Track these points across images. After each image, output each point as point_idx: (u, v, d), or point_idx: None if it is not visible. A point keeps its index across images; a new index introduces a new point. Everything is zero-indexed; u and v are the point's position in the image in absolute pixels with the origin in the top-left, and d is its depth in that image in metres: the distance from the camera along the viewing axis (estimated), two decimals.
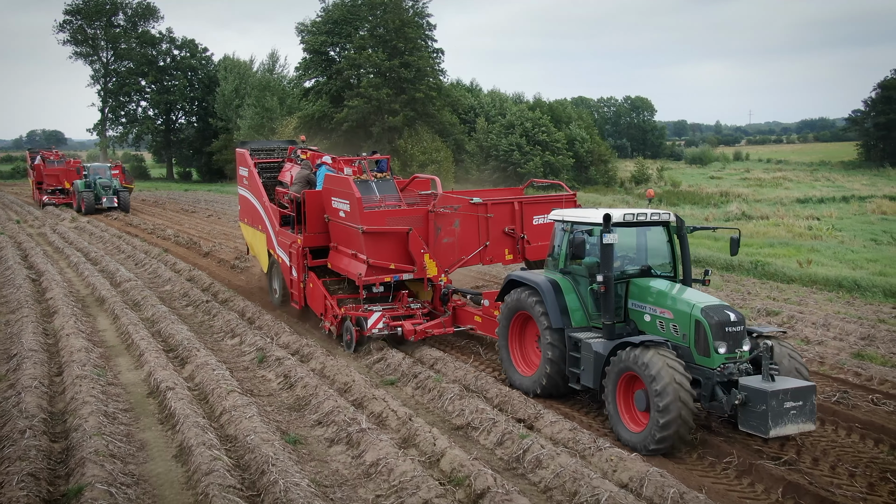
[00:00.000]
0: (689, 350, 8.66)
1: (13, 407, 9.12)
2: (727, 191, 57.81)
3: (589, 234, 9.50)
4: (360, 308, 12.66)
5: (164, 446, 8.52)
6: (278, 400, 10.29)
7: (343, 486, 7.63)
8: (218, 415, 9.26)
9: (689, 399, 8.02)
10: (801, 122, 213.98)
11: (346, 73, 55.12)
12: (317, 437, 8.96)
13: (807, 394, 7.98)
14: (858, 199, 50.41)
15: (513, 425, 8.86)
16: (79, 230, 30.20)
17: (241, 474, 7.58)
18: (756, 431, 7.95)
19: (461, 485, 7.42)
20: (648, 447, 8.21)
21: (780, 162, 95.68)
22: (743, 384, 8.08)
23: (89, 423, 8.50)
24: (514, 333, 10.71)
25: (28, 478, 7.12)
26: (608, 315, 9.21)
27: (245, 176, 16.33)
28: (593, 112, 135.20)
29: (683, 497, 7.08)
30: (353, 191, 12.27)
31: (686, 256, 9.78)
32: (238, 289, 17.44)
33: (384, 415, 9.31)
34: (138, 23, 77.51)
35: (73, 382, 10.08)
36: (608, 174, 67.59)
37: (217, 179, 69.68)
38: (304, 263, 13.61)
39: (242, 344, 12.89)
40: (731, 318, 8.51)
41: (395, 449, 8.10)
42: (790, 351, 8.70)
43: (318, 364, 11.57)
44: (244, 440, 8.27)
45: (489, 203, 13.06)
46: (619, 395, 8.74)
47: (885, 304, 16.73)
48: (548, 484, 7.62)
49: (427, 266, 12.43)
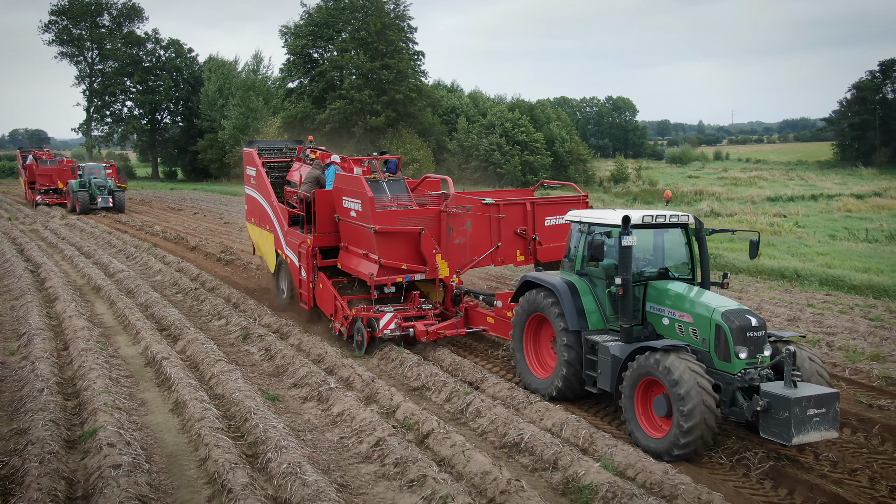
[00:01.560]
0: (708, 355, 8.56)
1: (29, 373, 10.57)
2: (702, 189, 59.25)
3: (608, 235, 9.39)
4: (371, 309, 12.53)
5: (162, 403, 10.00)
6: (260, 368, 11.79)
7: (313, 431, 9.15)
8: (207, 379, 10.74)
9: (712, 404, 7.92)
10: (782, 122, 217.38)
11: (329, 74, 56.50)
12: (292, 395, 10.48)
13: (830, 400, 7.83)
14: (826, 197, 52.00)
15: (461, 386, 10.41)
16: (69, 227, 31.41)
17: (228, 422, 9.08)
18: (778, 439, 7.84)
19: (411, 429, 8.97)
20: (672, 453, 8.08)
21: (758, 161, 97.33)
22: (765, 390, 7.96)
23: (97, 385, 9.95)
24: (528, 335, 10.64)
25: (49, 423, 8.58)
26: (626, 318, 9.09)
27: (252, 175, 16.17)
28: (576, 112, 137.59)
29: (592, 436, 8.66)
30: (365, 190, 12.11)
31: (705, 259, 9.66)
32: (224, 278, 18.85)
33: (351, 378, 10.84)
34: (123, 23, 78.28)
35: (79, 354, 11.51)
36: (587, 173, 69.39)
37: (202, 178, 70.79)
38: (313, 263, 13.45)
39: (228, 324, 14.34)
40: (752, 322, 8.37)
41: (359, 403, 9.64)
42: (810, 355, 8.58)
43: (295, 340, 13.06)
44: (230, 397, 9.77)
45: (501, 204, 13.02)
46: (638, 400, 8.64)
47: (818, 291, 18.41)
48: (484, 429, 9.18)
49: (439, 266, 12.28)
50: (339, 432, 9.09)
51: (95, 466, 7.49)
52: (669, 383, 8.02)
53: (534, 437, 8.52)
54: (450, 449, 8.27)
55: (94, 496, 6.94)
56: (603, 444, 8.42)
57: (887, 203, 47.26)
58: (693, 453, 8.11)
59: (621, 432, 9.12)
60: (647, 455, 8.17)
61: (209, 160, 69.32)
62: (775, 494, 7.73)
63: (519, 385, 10.62)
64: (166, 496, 7.31)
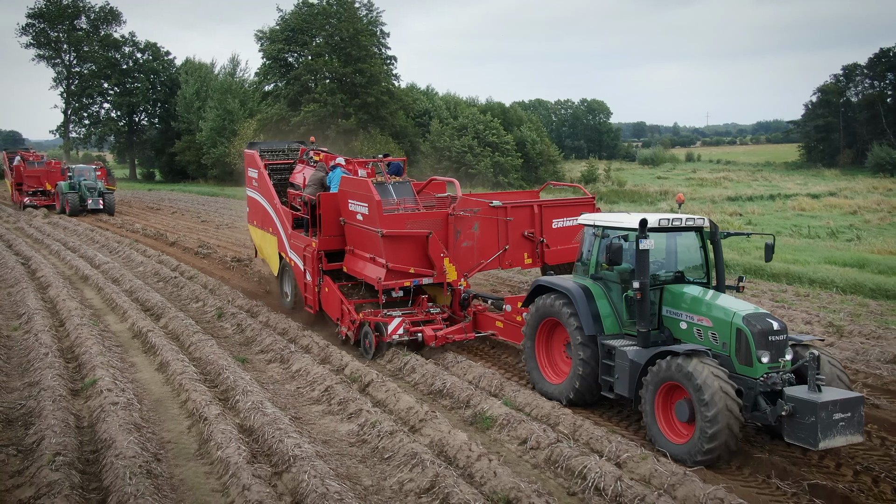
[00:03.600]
0: (728, 359, 8.48)
1: (34, 342, 12.42)
2: (668, 190, 61.24)
3: (624, 239, 9.23)
4: (379, 313, 12.50)
5: (149, 364, 11.91)
6: (232, 339, 13.73)
7: (275, 384, 11.13)
8: (187, 346, 12.65)
9: (735, 409, 7.85)
10: (756, 125, 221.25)
11: (304, 78, 58.30)
12: (259, 359, 12.44)
13: (855, 405, 7.82)
14: (784, 197, 53.99)
15: (401, 349, 12.39)
16: (53, 225, 32.94)
17: (204, 377, 11.01)
18: (804, 444, 7.81)
19: (356, 381, 10.97)
20: (695, 458, 7.98)
21: (728, 163, 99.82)
22: (789, 395, 7.92)
23: (93, 350, 11.82)
24: (540, 341, 10.56)
25: (56, 377, 10.45)
26: (643, 322, 8.99)
27: (255, 178, 15.98)
28: (551, 114, 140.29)
29: (502, 385, 10.69)
30: (372, 193, 12.02)
31: (720, 262, 9.57)
32: (201, 269, 20.66)
33: (309, 345, 12.81)
34: (100, 26, 79.41)
35: (74, 328, 13.35)
36: (557, 174, 71.77)
37: (180, 179, 72.12)
38: (318, 267, 13.31)
39: (205, 306, 16.20)
40: (773, 326, 8.30)
41: (314, 363, 11.62)
42: (829, 358, 8.55)
43: (264, 318, 14.97)
44: (206, 359, 11.71)
45: (509, 206, 13.03)
46: (658, 405, 8.56)
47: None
48: (416, 381, 11.19)
49: (447, 270, 12.21)
50: (296, 384, 11.08)
51: (98, 405, 9.40)
52: (693, 388, 7.93)
53: (454, 385, 10.55)
54: (384, 393, 10.29)
55: (99, 424, 8.85)
56: (510, 390, 10.47)
57: (840, 202, 49.30)
58: (716, 459, 7.99)
59: (524, 383, 11.09)
60: (542, 397, 10.11)
61: (186, 161, 70.70)
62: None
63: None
64: (155, 425, 9.24)
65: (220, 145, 62.76)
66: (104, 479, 7.46)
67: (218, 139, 63.45)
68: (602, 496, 7.26)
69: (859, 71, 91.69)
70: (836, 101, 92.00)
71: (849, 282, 18.61)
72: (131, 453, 7.75)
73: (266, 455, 8.18)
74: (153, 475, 7.54)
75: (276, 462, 7.95)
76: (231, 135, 61.75)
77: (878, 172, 70.63)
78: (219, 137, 63.27)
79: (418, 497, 7.37)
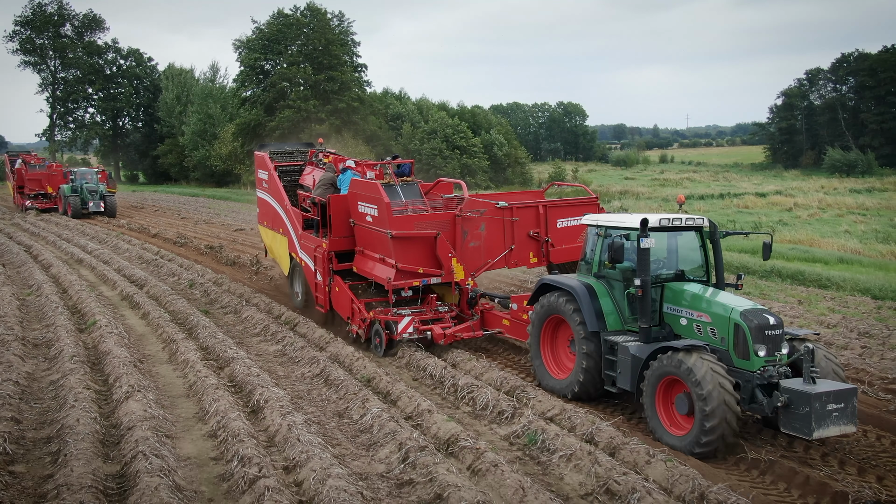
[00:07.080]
0: (727, 353, 8.72)
1: (46, 301, 16.25)
2: (628, 190, 63.79)
3: (626, 238, 9.50)
4: (389, 312, 12.89)
5: (134, 315, 15.73)
6: (199, 301, 17.55)
7: (228, 326, 15.00)
8: (163, 304, 16.46)
9: (733, 402, 8.09)
10: (735, 126, 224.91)
11: (279, 85, 62.05)
12: (219, 312, 16.34)
13: (848, 396, 8.06)
14: (733, 195, 56.57)
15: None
16: (45, 221, 36.55)
17: (175, 321, 14.84)
18: (799, 433, 8.07)
19: (288, 323, 14.84)
20: (693, 450, 8.26)
21: (699, 164, 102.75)
22: (785, 386, 8.17)
23: (92, 305, 15.62)
24: (545, 337, 10.83)
25: (66, 321, 14.29)
26: (645, 318, 9.22)
27: (265, 179, 16.41)
28: (528, 117, 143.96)
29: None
30: (381, 196, 12.32)
31: (719, 261, 9.80)
32: (179, 254, 24.46)
33: (258, 303, 16.69)
34: (85, 33, 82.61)
35: (76, 293, 17.16)
36: (524, 175, 75.68)
37: (162, 181, 75.57)
38: (329, 267, 13.69)
39: (179, 280, 20.00)
40: (770, 321, 8.53)
41: (259, 312, 15.48)
42: (825, 353, 8.79)
43: (226, 287, 18.79)
44: (178, 312, 15.57)
45: (514, 207, 13.38)
46: (659, 399, 8.81)
47: None
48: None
49: (455, 270, 12.47)
50: (243, 326, 15.00)
51: (98, 336, 13.24)
52: (692, 383, 8.19)
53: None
54: (306, 328, 14.18)
55: (100, 345, 12.70)
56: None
57: (782, 200, 52.08)
58: (714, 451, 8.27)
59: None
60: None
61: (169, 164, 74.14)
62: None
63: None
64: (139, 347, 13.11)
65: (202, 148, 66.31)
66: (105, 370, 11.32)
67: (200, 142, 67.00)
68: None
69: (822, 75, 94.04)
70: (799, 104, 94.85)
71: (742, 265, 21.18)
72: (124, 357, 11.61)
73: (215, 359, 12.10)
74: (139, 369, 11.39)
75: (221, 364, 11.86)
76: (212, 138, 65.30)
77: (834, 173, 73.28)
78: (201, 140, 66.80)
79: (311, 380, 11.32)
